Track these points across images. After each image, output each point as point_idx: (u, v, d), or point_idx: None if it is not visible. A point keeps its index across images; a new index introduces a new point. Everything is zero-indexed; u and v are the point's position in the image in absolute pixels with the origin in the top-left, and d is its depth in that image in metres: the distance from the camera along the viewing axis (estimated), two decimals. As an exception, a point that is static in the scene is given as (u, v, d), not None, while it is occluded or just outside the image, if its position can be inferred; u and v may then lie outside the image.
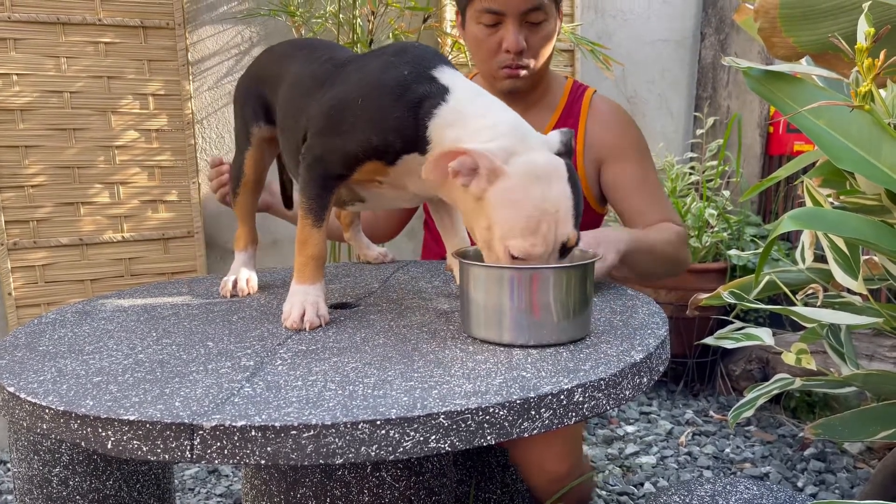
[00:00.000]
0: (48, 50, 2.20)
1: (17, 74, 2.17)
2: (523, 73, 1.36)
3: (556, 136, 0.87)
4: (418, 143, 0.88)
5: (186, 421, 0.62)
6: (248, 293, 1.13)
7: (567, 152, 0.87)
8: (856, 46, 0.89)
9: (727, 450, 2.17)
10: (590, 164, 1.45)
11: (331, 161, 0.91)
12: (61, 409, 0.66)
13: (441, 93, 0.88)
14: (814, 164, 1.10)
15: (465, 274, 0.85)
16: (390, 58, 0.92)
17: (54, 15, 2.19)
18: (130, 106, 2.32)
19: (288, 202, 1.31)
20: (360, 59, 0.98)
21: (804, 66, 1.07)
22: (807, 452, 2.12)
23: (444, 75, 0.90)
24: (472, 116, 0.86)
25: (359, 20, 2.23)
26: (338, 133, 0.90)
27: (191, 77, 2.41)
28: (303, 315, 0.91)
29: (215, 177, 1.33)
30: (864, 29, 0.91)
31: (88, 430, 0.64)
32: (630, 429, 2.34)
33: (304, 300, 0.93)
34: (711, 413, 2.47)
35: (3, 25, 2.14)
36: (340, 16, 2.26)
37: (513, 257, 0.81)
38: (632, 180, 1.42)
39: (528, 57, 1.35)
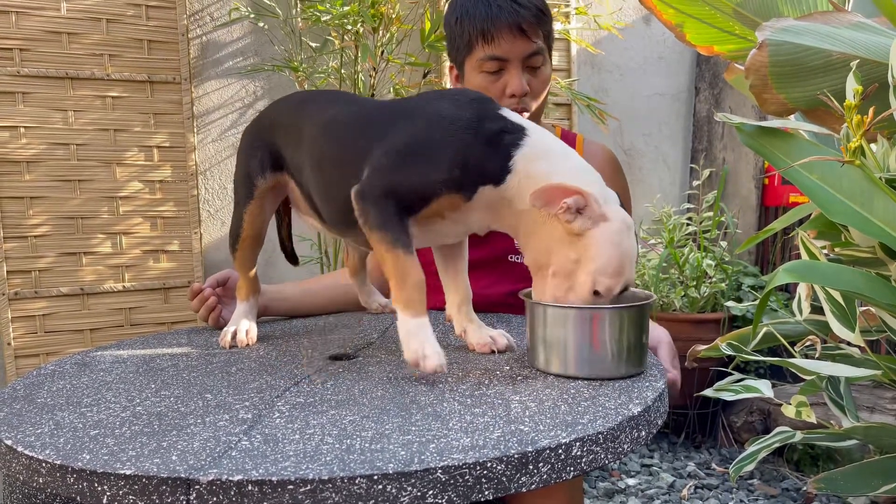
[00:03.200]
0: (56, 103, 2.25)
1: (24, 127, 2.22)
2: (526, 115, 1.40)
3: (613, 194, 0.95)
4: (499, 174, 0.92)
5: (183, 475, 0.62)
6: (248, 344, 1.13)
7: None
8: (845, 104, 0.92)
9: (731, 504, 2.14)
10: None
11: (405, 195, 0.92)
12: (58, 462, 0.66)
13: (519, 128, 0.94)
14: (809, 215, 1.12)
15: (540, 313, 0.92)
16: (454, 98, 0.96)
17: (63, 70, 2.24)
18: (135, 158, 2.36)
19: (291, 258, 1.31)
20: (413, 101, 1.01)
21: (795, 122, 1.09)
22: (812, 507, 2.09)
23: (511, 115, 0.96)
24: (558, 155, 0.93)
25: (361, 75, 2.29)
26: (416, 169, 0.92)
27: (195, 129, 2.46)
28: (436, 361, 0.87)
29: (200, 305, 1.26)
30: (852, 86, 0.93)
31: (84, 484, 0.64)
32: (631, 482, 2.31)
33: (426, 340, 0.88)
34: (714, 466, 2.44)
35: (12, 79, 2.19)
36: (343, 71, 2.31)
37: (594, 293, 0.89)
38: None
39: (531, 100, 1.40)
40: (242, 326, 1.14)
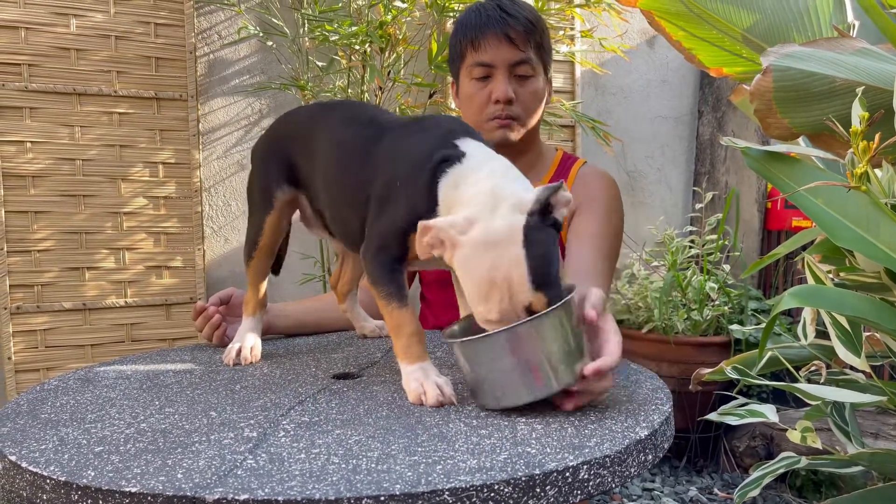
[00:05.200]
0: (63, 119, 2.26)
1: (31, 142, 2.22)
2: (513, 123, 1.41)
3: (532, 195, 0.83)
4: (430, 208, 0.89)
5: (189, 493, 0.61)
6: (252, 362, 1.13)
7: (541, 209, 0.82)
8: (851, 129, 0.92)
9: (733, 529, 2.12)
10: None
11: (390, 245, 0.93)
12: (63, 479, 0.66)
13: (457, 157, 0.89)
14: (813, 240, 1.12)
15: (455, 352, 0.87)
16: (428, 131, 0.96)
17: (71, 86, 2.26)
18: (140, 174, 2.36)
19: (277, 269, 1.29)
20: (399, 130, 1.00)
21: (800, 147, 1.10)
22: (815, 533, 2.07)
23: (466, 144, 0.92)
24: (471, 182, 0.87)
25: (367, 95, 2.30)
26: (387, 214, 0.93)
27: (200, 146, 2.47)
28: (435, 393, 0.89)
29: (204, 324, 1.26)
30: (858, 112, 0.94)
31: (89, 501, 0.64)
32: (633, 506, 2.29)
33: (425, 378, 0.90)
34: (716, 491, 2.42)
35: (20, 94, 2.20)
36: (349, 91, 2.33)
37: (487, 322, 0.84)
38: (587, 233, 1.38)
39: (518, 109, 1.41)
40: (247, 343, 1.14)
